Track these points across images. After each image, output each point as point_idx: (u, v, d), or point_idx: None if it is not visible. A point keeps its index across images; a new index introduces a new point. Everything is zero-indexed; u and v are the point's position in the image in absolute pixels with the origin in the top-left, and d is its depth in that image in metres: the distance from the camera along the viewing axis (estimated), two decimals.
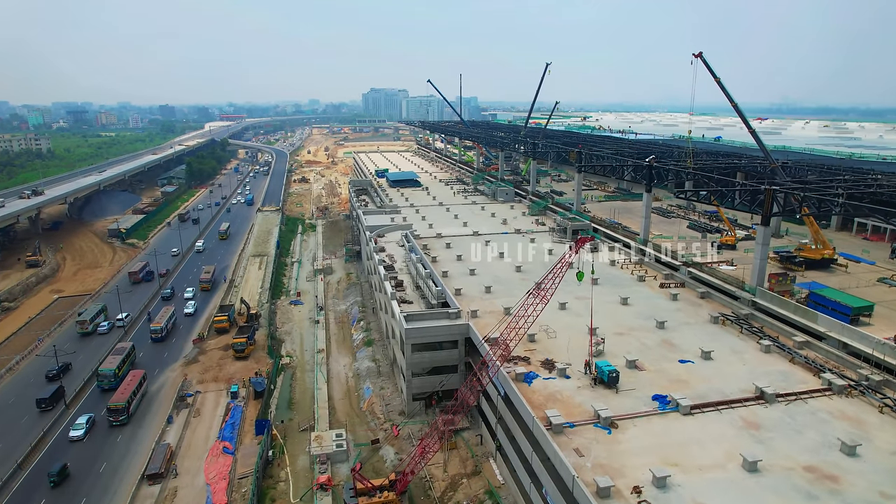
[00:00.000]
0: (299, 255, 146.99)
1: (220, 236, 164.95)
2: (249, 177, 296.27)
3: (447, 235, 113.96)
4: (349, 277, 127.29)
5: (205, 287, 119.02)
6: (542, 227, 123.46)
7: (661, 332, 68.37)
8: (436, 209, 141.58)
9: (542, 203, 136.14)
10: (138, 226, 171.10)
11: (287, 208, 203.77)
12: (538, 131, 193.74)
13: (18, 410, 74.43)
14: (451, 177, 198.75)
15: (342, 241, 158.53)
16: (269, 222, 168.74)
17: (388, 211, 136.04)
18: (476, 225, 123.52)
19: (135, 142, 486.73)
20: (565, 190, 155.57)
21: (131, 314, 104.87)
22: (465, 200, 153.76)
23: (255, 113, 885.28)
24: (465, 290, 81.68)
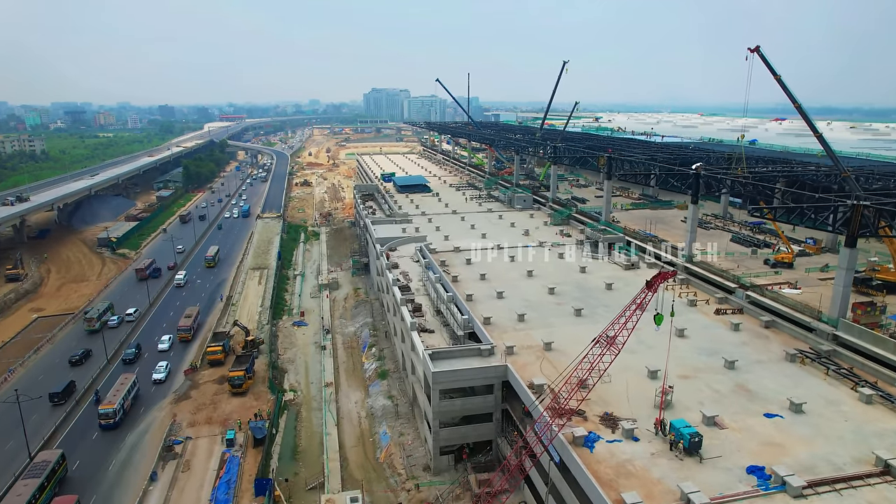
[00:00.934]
0: (302, 267, 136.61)
1: (206, 263, 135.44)
2: (246, 183, 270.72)
3: (466, 249, 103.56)
4: (357, 293, 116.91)
5: (184, 337, 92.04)
6: (567, 238, 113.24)
7: (732, 373, 57.99)
8: (449, 218, 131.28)
9: (565, 212, 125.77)
10: (130, 234, 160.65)
11: (288, 214, 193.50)
12: (555, 133, 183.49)
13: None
14: (462, 181, 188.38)
15: (348, 250, 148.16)
16: (269, 230, 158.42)
17: (399, 220, 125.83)
18: (495, 236, 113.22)
19: (132, 143, 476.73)
20: (586, 196, 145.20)
21: (139, 309, 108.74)
22: (479, 208, 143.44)
23: (255, 113, 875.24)
24: (495, 318, 71.31)
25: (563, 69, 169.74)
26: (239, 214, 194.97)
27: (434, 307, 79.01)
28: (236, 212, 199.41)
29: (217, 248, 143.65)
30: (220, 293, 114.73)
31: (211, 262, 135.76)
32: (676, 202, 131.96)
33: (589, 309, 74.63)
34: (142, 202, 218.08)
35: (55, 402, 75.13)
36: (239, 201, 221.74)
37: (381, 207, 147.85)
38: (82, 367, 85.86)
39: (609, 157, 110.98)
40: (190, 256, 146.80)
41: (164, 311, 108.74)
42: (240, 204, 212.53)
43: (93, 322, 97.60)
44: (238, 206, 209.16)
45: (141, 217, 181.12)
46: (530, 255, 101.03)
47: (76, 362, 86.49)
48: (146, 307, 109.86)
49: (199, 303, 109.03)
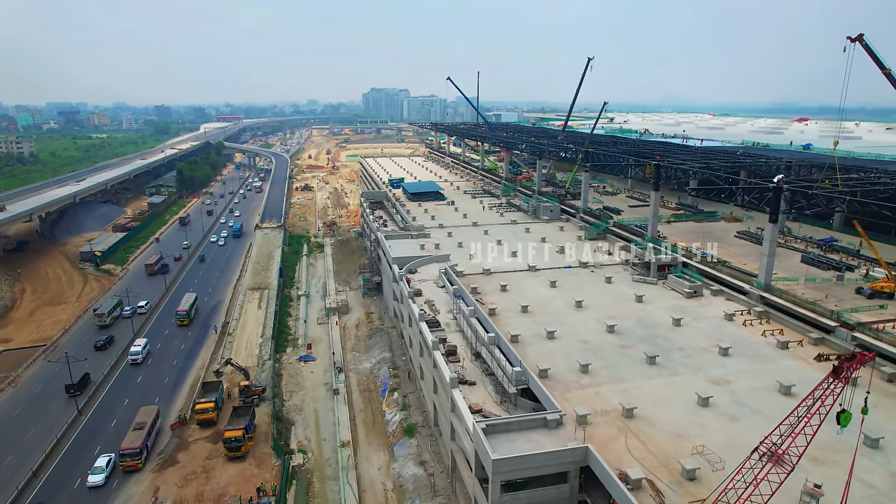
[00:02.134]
0: (306, 286, 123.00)
1: (178, 320, 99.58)
2: (239, 195, 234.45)
3: (498, 271, 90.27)
4: (370, 319, 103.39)
5: (130, 465, 60.97)
6: (607, 255, 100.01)
7: (877, 455, 44.72)
8: (470, 231, 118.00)
9: (601, 225, 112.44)
10: (116, 247, 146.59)
11: (289, 223, 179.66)
12: (577, 135, 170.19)
13: None
14: (476, 187, 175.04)
15: (356, 265, 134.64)
16: (269, 242, 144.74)
17: (415, 234, 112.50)
18: (527, 254, 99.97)
19: (126, 144, 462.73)
20: (617, 205, 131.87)
21: (150, 302, 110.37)
22: (500, 219, 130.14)
23: (252, 113, 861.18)
24: (553, 369, 57.98)
25: (587, 66, 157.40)
26: (229, 236, 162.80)
27: (471, 348, 65.66)
28: (224, 234, 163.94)
29: (194, 298, 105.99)
30: (214, 323, 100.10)
31: (184, 318, 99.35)
32: (721, 213, 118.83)
33: (663, 354, 61.28)
34: (132, 209, 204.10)
35: (71, 394, 75.89)
36: (230, 218, 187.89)
37: (392, 218, 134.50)
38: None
39: (657, 164, 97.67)
40: (157, 310, 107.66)
41: (96, 426, 71.02)
42: (230, 223, 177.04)
43: (104, 318, 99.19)
44: (228, 224, 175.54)
45: (130, 227, 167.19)
46: (572, 278, 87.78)
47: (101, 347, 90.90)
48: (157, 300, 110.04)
49: (159, 398, 74.31)
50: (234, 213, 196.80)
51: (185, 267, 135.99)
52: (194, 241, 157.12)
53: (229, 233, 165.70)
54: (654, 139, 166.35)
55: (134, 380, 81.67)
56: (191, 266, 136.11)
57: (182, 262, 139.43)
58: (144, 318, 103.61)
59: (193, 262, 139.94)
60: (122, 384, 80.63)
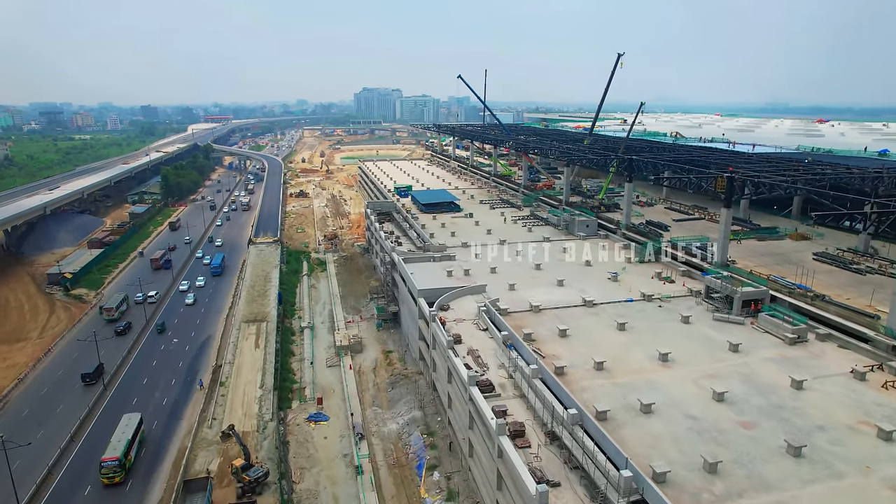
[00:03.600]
0: (310, 315, 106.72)
1: (102, 477, 58.24)
2: (221, 216, 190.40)
3: (549, 307, 74.73)
4: (390, 360, 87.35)
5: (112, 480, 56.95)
6: (668, 284, 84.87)
7: None
8: (499, 250, 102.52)
9: (654, 244, 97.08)
10: (91, 267, 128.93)
11: (285, 235, 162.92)
12: (608, 140, 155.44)
13: None
14: (492, 195, 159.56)
15: (364, 288, 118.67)
16: (265, 261, 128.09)
17: (438, 256, 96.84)
18: (575, 282, 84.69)
19: (110, 146, 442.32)
20: (659, 217, 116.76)
21: (159, 291, 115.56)
22: (529, 234, 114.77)
23: (241, 114, 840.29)
24: (669, 468, 42.40)
25: (617, 62, 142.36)
26: (208, 276, 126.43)
27: (542, 425, 50.07)
28: (201, 280, 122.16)
29: (138, 420, 65.30)
30: (199, 377, 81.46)
31: (115, 472, 58.02)
32: (785, 230, 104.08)
33: (803, 439, 45.82)
34: (112, 219, 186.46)
35: (87, 382, 79.78)
36: (208, 251, 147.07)
37: (405, 234, 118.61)
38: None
39: (730, 177, 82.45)
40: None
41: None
42: (205, 259, 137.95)
43: (112, 311, 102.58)
44: (204, 261, 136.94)
45: (108, 241, 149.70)
46: (640, 316, 72.38)
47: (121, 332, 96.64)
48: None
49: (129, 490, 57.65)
50: (214, 242, 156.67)
51: (138, 344, 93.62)
52: (179, 259, 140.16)
53: (207, 273, 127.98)
54: (691, 143, 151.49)
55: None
56: (147, 340, 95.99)
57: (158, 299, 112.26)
58: (155, 307, 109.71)
59: (149, 333, 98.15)
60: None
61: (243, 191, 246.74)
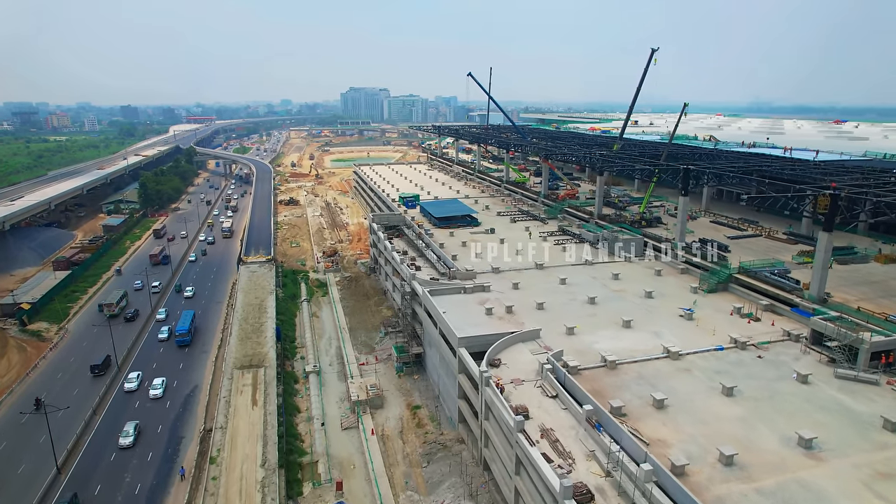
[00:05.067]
0: (314, 354, 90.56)
1: None
2: (197, 248, 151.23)
3: (626, 360, 59.57)
4: (418, 418, 71.58)
5: None
6: (754, 322, 70.32)
7: None
8: (536, 277, 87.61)
9: (723, 272, 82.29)
10: (54, 293, 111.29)
11: (278, 249, 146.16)
12: (634, 145, 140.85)
13: None
14: (508, 205, 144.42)
15: (375, 317, 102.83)
16: (258, 285, 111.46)
17: (470, 287, 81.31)
18: (644, 321, 69.95)
19: (87, 148, 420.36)
20: (705, 233, 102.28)
21: (161, 282, 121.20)
22: (566, 255, 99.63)
23: (225, 114, 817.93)
24: None
25: (650, 59, 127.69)
26: (175, 336, 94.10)
27: None
28: (158, 384, 79.51)
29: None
30: (181, 464, 62.68)
31: None
32: (868, 251, 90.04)
33: None
34: (85, 232, 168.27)
35: (96, 374, 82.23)
36: (177, 304, 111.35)
37: (422, 254, 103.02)
38: None
39: (833, 194, 67.89)
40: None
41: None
42: (163, 329, 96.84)
43: (112, 307, 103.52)
44: (161, 335, 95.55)
45: (77, 260, 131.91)
46: (742, 372, 57.52)
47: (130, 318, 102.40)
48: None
49: None
50: (184, 290, 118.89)
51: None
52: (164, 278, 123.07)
53: (171, 339, 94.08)
54: (737, 149, 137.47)
55: None
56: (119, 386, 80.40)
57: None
58: (158, 296, 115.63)
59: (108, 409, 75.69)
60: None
61: (225, 209, 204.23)
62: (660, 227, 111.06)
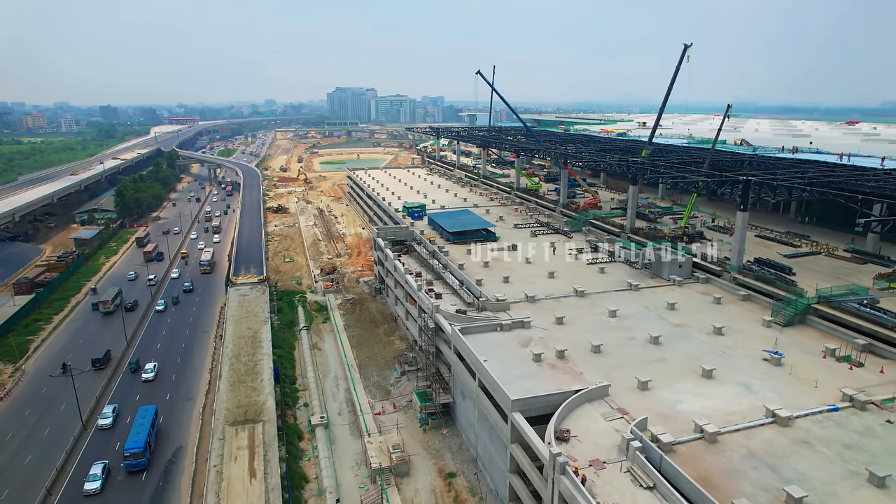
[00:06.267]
0: (320, 401, 77.15)
1: None
2: (165, 291, 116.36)
3: (726, 430, 47.22)
4: (454, 490, 58.65)
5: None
6: (852, 365, 58.53)
7: None
8: (579, 307, 75.40)
9: (800, 303, 70.41)
10: (11, 324, 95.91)
11: (270, 264, 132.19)
12: (666, 149, 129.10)
13: None
14: (521, 214, 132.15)
15: (386, 350, 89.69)
16: (251, 312, 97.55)
17: (507, 322, 68.54)
18: (726, 368, 57.85)
19: (63, 150, 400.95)
20: (752, 249, 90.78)
21: (157, 275, 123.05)
22: (606, 278, 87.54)
23: (208, 115, 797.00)
24: None
25: (683, 55, 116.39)
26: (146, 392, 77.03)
27: None
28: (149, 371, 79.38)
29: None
30: None
31: None
32: None
33: None
34: (55, 246, 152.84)
35: (96, 367, 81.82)
36: (132, 385, 78.85)
37: (439, 276, 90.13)
38: None
39: None
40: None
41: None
42: (112, 414, 70.03)
43: (108, 304, 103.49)
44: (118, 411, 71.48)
45: (43, 281, 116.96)
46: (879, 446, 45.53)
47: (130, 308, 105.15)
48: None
49: None
50: (143, 369, 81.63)
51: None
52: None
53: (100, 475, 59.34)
54: (771, 154, 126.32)
55: None
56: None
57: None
58: (155, 288, 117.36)
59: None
60: None
61: (205, 232, 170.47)
62: (703, 242, 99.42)
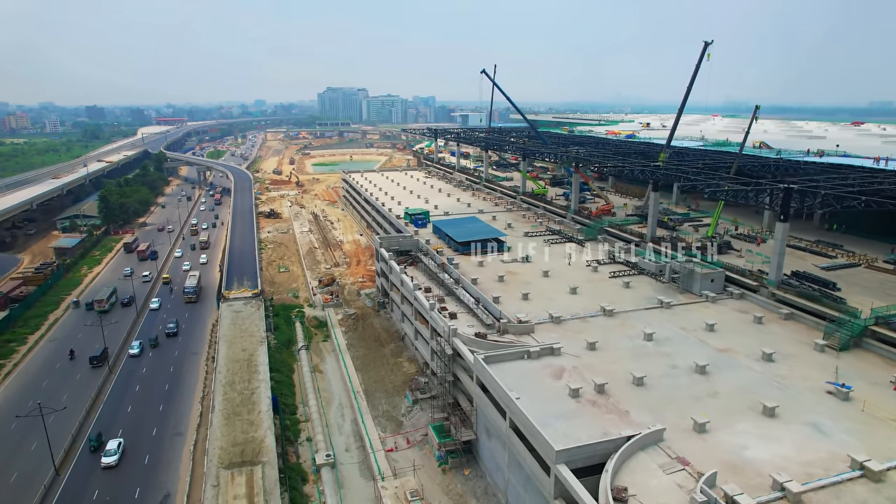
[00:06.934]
0: (325, 435, 69.71)
1: None
2: (137, 335, 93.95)
3: (811, 486, 40.39)
4: None
5: None
6: None
7: None
8: (609, 328, 68.60)
9: (855, 325, 63.92)
10: None
11: (265, 277, 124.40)
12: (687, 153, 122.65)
13: None
14: (535, 224, 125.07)
15: (395, 375, 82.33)
16: (245, 331, 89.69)
17: (534, 349, 61.49)
18: (790, 407, 51.09)
19: (46, 152, 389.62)
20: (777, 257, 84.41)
21: (152, 272, 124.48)
22: (632, 294, 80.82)
23: (197, 115, 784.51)
24: None
25: (703, 53, 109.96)
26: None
27: None
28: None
29: None
30: None
31: None
32: None
33: None
34: (34, 255, 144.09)
35: (94, 364, 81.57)
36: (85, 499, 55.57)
37: (451, 292, 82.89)
38: None
39: None
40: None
41: None
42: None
43: (103, 303, 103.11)
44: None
45: (19, 296, 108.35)
46: None
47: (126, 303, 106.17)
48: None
49: None
50: (104, 451, 61.35)
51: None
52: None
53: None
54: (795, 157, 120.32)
55: None
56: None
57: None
58: (150, 285, 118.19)
59: None
60: None
61: (192, 249, 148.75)
62: (731, 253, 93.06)
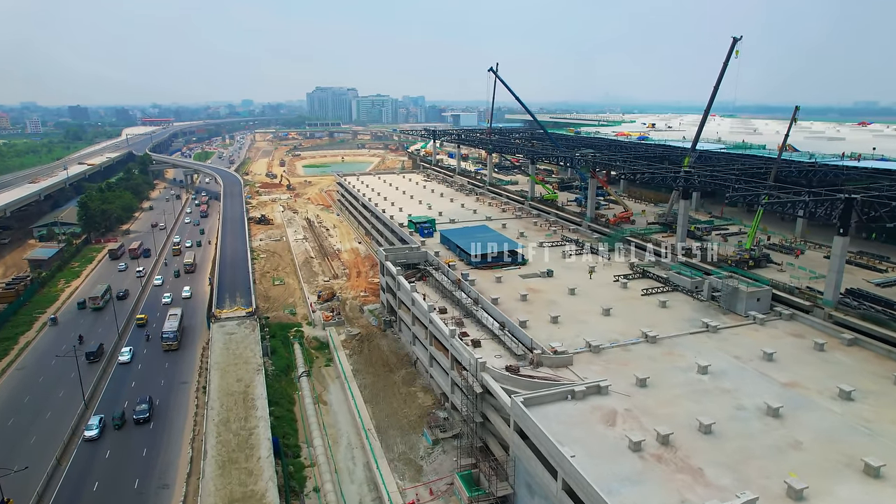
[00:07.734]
0: (335, 484, 61.08)
1: None
2: (113, 374, 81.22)
3: None
4: None
5: None
6: None
7: None
8: (655, 359, 60.75)
9: None
10: None
11: (260, 291, 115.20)
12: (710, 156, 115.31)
13: None
14: (549, 233, 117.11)
15: (410, 408, 73.76)
16: (239, 359, 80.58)
17: (580, 388, 53.28)
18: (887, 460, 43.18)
19: (26, 153, 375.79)
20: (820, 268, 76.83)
21: (146, 268, 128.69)
22: (670, 314, 72.93)
23: (183, 115, 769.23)
24: None
25: (731, 50, 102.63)
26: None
27: None
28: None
29: None
30: None
31: None
32: None
33: None
34: (7, 267, 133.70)
35: (91, 360, 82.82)
36: None
37: (470, 313, 74.50)
38: None
39: None
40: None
41: None
42: None
43: (97, 300, 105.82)
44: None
45: None
46: None
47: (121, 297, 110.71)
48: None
49: None
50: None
51: None
52: None
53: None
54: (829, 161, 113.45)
55: None
56: None
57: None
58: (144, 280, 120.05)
59: None
60: None
61: (174, 276, 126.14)
62: (770, 267, 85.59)
